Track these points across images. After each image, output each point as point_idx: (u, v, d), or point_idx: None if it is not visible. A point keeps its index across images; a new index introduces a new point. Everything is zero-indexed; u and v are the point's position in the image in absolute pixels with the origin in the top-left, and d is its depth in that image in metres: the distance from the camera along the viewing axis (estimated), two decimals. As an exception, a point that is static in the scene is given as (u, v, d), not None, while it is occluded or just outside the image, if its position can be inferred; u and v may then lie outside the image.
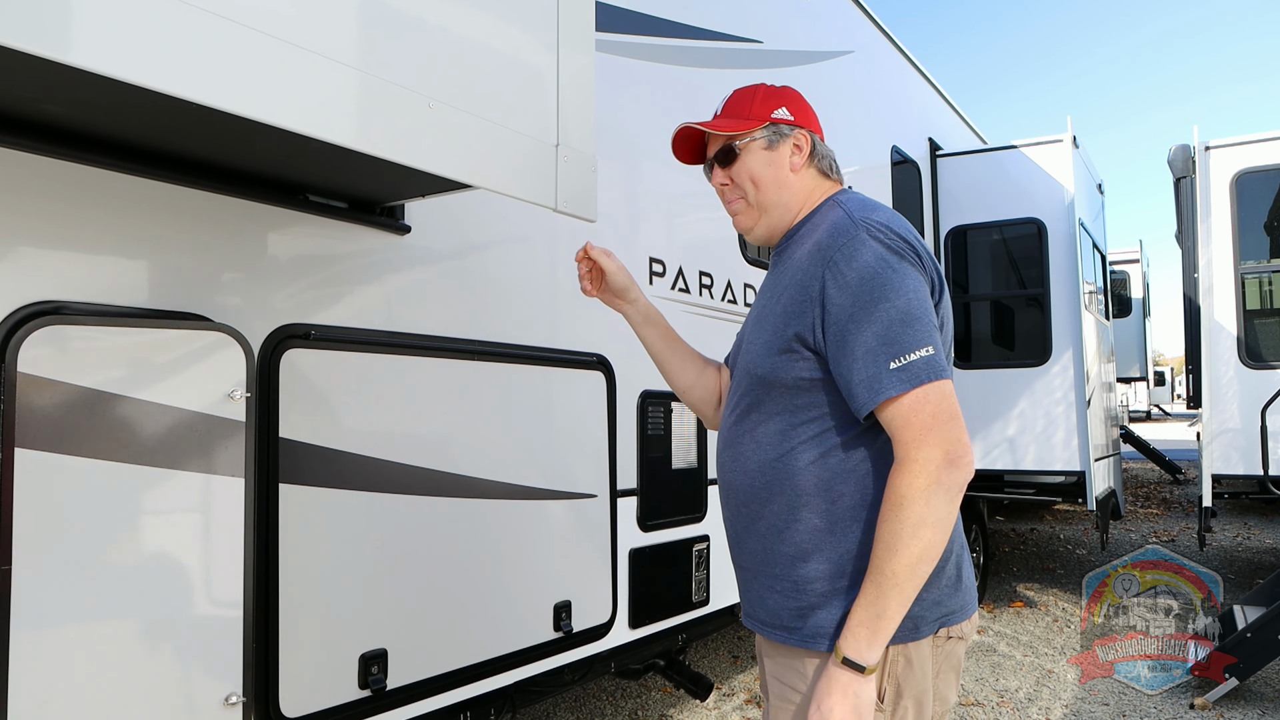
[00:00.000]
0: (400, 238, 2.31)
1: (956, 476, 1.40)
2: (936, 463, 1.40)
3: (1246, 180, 6.38)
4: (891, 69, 5.96)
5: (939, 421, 1.41)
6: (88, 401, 1.64)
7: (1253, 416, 6.10)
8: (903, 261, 1.48)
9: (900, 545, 1.39)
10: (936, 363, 1.43)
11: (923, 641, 1.52)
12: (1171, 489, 13.80)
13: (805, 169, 1.70)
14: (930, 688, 1.53)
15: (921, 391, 1.42)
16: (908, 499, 1.40)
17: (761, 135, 1.69)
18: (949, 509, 1.41)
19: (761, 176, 1.69)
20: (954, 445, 1.41)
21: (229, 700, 1.83)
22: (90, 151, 1.67)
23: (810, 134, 1.71)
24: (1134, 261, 15.43)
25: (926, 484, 1.39)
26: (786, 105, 1.72)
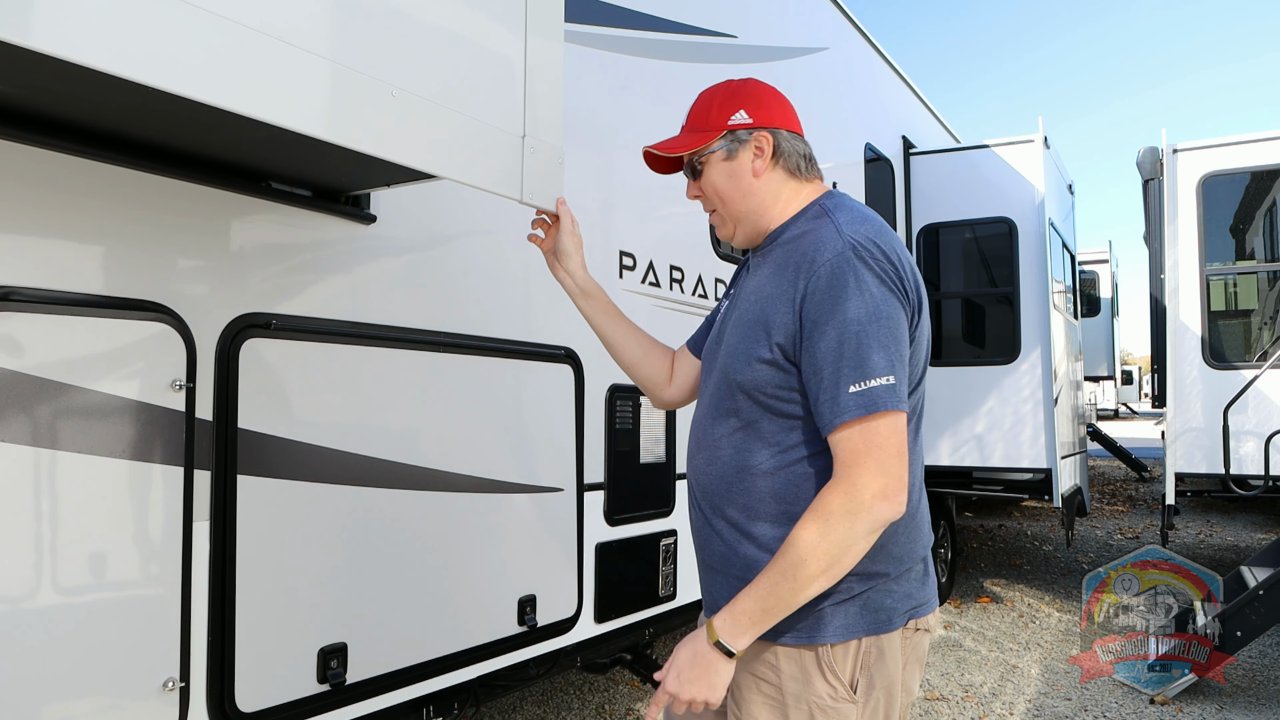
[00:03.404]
0: (365, 227, 2.29)
1: (886, 512, 1.42)
2: (873, 493, 1.41)
3: (1213, 183, 6.46)
4: (866, 66, 5.98)
5: (885, 454, 1.42)
6: (31, 389, 1.61)
7: (1215, 416, 6.19)
8: (883, 286, 1.46)
9: (813, 557, 1.42)
10: (896, 393, 1.43)
11: (894, 634, 1.54)
12: (1137, 486, 13.99)
13: (770, 171, 1.66)
14: (899, 679, 1.56)
15: (875, 421, 1.42)
16: (835, 517, 1.42)
17: (719, 146, 1.66)
18: (868, 540, 1.44)
19: (724, 189, 1.67)
20: (893, 481, 1.42)
21: (166, 685, 1.81)
22: (44, 134, 1.63)
23: (773, 132, 1.66)
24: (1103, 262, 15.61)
25: (856, 509, 1.41)
26: (745, 107, 1.66)
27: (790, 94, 1.81)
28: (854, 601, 1.51)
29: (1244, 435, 6.14)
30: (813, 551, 1.41)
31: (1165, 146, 6.57)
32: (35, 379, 1.62)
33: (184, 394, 1.84)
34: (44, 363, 1.63)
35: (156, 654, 1.80)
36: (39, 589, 1.62)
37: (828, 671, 1.51)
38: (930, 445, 6.42)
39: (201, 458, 1.88)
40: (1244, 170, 6.40)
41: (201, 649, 1.89)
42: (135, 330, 1.77)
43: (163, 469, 1.81)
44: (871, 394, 1.42)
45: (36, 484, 1.62)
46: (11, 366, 1.59)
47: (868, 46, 5.97)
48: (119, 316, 1.75)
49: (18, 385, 1.59)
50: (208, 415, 1.90)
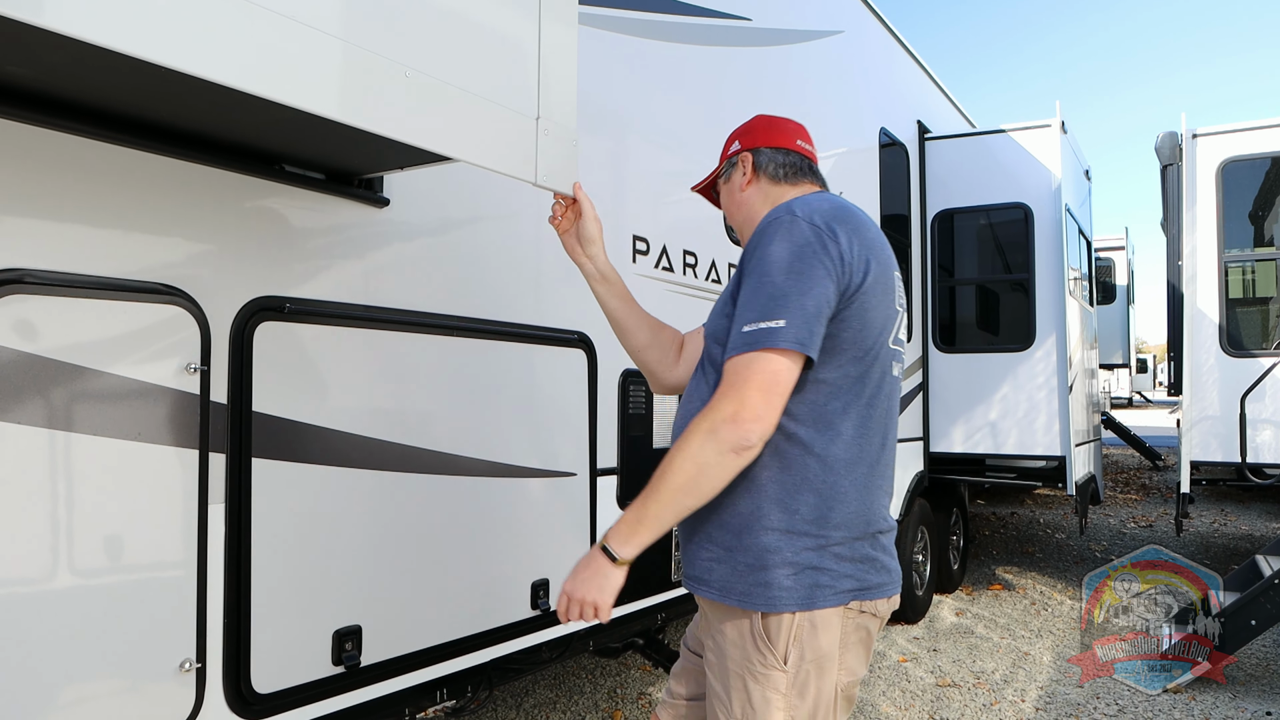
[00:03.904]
0: (379, 210, 2.28)
1: (732, 434, 1.52)
2: (724, 415, 1.53)
3: (1232, 169, 6.39)
4: (881, 50, 5.92)
5: (746, 383, 1.53)
6: (47, 371, 1.61)
7: (1232, 404, 6.14)
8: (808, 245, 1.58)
9: (672, 472, 1.57)
10: (780, 333, 1.53)
11: (829, 611, 1.62)
12: (1151, 475, 13.92)
13: (753, 184, 1.93)
14: (835, 655, 1.63)
15: (751, 354, 1.54)
16: (692, 435, 1.56)
17: (722, 174, 2.00)
18: (718, 459, 1.54)
19: (728, 205, 2.00)
20: (744, 408, 1.52)
21: (183, 666, 1.82)
22: (57, 116, 1.63)
23: (752, 151, 1.92)
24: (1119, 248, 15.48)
25: (708, 428, 1.54)
26: (738, 139, 1.97)
27: (805, 77, 1.86)
28: (791, 573, 1.60)
29: (1261, 423, 6.09)
30: (673, 466, 1.57)
31: (1184, 131, 6.49)
32: (50, 361, 1.62)
33: (198, 377, 1.84)
34: (58, 345, 1.63)
35: (173, 635, 1.81)
36: (55, 571, 1.63)
37: (759, 639, 1.61)
38: (943, 432, 6.39)
39: (216, 441, 1.89)
40: (1265, 156, 6.33)
41: (218, 631, 1.90)
42: (149, 313, 1.77)
43: (177, 452, 1.81)
44: (757, 333, 1.54)
45: (51, 466, 1.62)
46: (26, 349, 1.59)
47: (883, 30, 5.91)
48: (133, 299, 1.75)
49: (32, 368, 1.59)
50: (222, 398, 1.90)
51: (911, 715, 4.37)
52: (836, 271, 1.59)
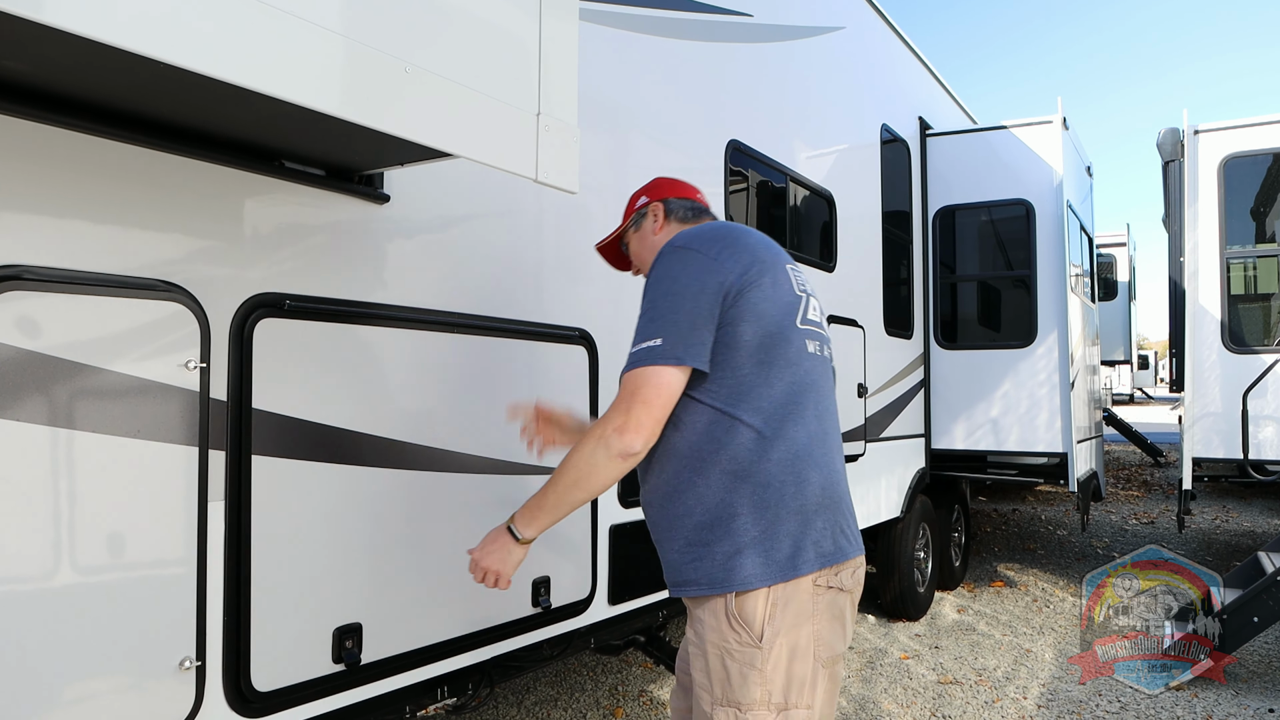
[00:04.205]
0: (379, 207, 2.27)
1: (618, 443, 1.74)
2: (613, 426, 1.75)
3: (1234, 165, 6.38)
4: (882, 46, 5.91)
5: (633, 399, 1.74)
6: (46, 368, 1.61)
7: (1234, 400, 6.14)
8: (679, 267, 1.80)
9: (567, 469, 1.80)
10: (657, 351, 1.74)
11: (800, 584, 1.76)
12: (1152, 471, 13.91)
13: (664, 228, 2.14)
14: (808, 629, 1.76)
15: (636, 371, 1.76)
16: (586, 440, 1.78)
17: (631, 225, 2.21)
18: (606, 464, 1.76)
19: (639, 251, 2.19)
20: (630, 421, 1.74)
21: (183, 664, 1.81)
22: (55, 112, 1.62)
23: (661, 201, 2.16)
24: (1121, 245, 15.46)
25: (599, 435, 1.76)
26: (645, 194, 2.21)
27: (806, 74, 1.90)
28: (755, 554, 1.75)
29: (1263, 420, 6.08)
30: (569, 465, 1.79)
31: (1186, 127, 6.48)
32: (49, 358, 1.61)
33: (198, 374, 1.84)
34: (58, 342, 1.63)
35: (172, 633, 1.80)
36: (54, 568, 1.62)
37: (734, 619, 1.75)
38: (945, 428, 6.38)
39: (216, 438, 1.88)
40: (1266, 152, 6.31)
41: (217, 628, 1.89)
42: (149, 310, 1.77)
43: (177, 449, 1.81)
44: (639, 352, 1.76)
45: (51, 463, 1.61)
46: (25, 346, 1.58)
47: (884, 26, 5.90)
48: (132, 296, 1.74)
49: (30, 364, 1.59)
50: (222, 395, 1.90)
51: (913, 713, 4.36)
52: (712, 283, 1.78)
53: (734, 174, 3.96)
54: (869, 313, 5.45)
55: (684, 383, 1.77)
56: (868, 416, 5.28)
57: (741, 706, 1.73)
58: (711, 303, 1.77)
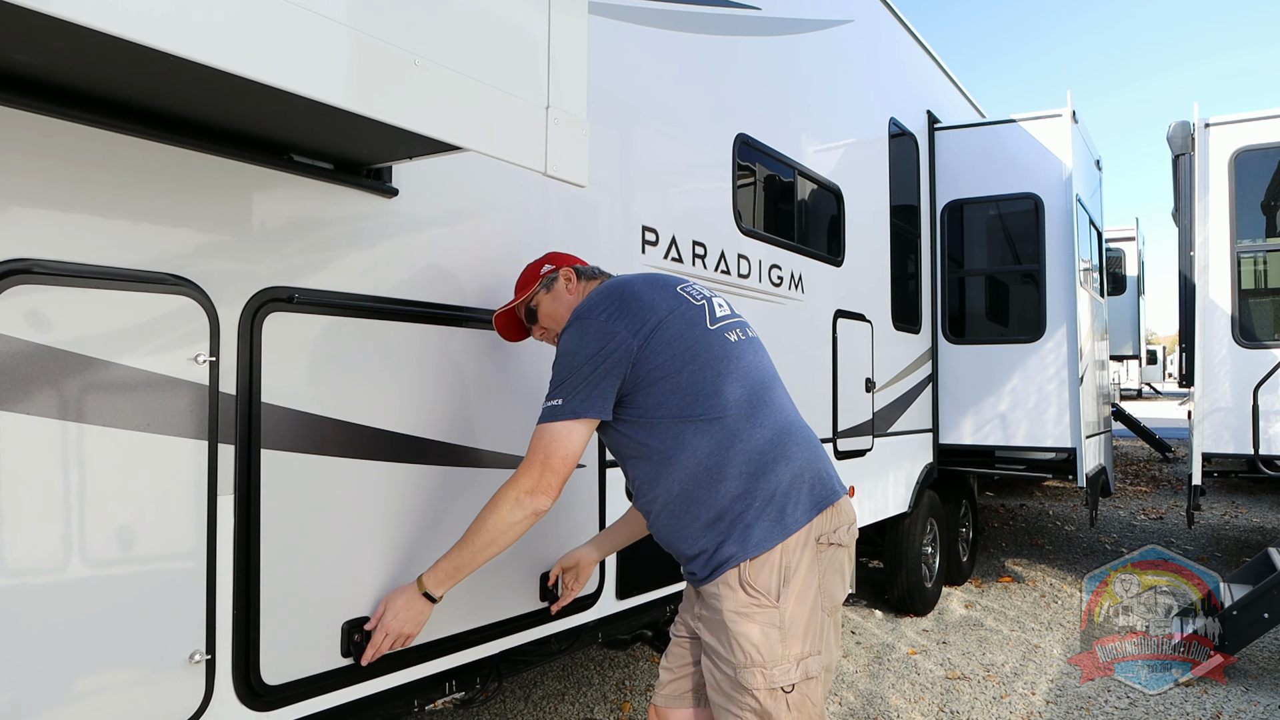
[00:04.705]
0: (387, 201, 2.27)
1: (531, 504, 1.99)
2: (525, 489, 2.00)
3: (1245, 158, 6.34)
4: (891, 39, 5.88)
5: (538, 455, 2.00)
6: (56, 362, 1.61)
7: (1245, 396, 6.11)
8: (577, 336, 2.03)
9: (482, 530, 2.02)
10: (559, 409, 2.00)
11: (799, 540, 1.98)
12: (1161, 467, 13.86)
13: (579, 286, 2.35)
14: (814, 583, 1.98)
15: (540, 427, 2.02)
16: (501, 502, 2.01)
17: (540, 288, 2.36)
18: (521, 523, 2.01)
19: (552, 310, 2.35)
20: (541, 484, 1.99)
21: (193, 658, 1.81)
22: (63, 105, 1.61)
23: (571, 268, 2.38)
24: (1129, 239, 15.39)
25: (515, 499, 2.00)
26: (549, 262, 2.39)
27: (814, 67, 1.90)
28: (758, 522, 1.96)
29: (1274, 415, 6.06)
30: (485, 528, 2.01)
31: (1197, 121, 6.45)
32: (58, 352, 1.61)
33: (207, 368, 1.83)
34: (66, 336, 1.62)
35: (182, 627, 1.80)
36: (64, 562, 1.62)
37: (748, 586, 1.94)
38: (952, 423, 6.36)
39: (225, 432, 1.88)
40: (1278, 145, 6.27)
41: (227, 622, 1.89)
42: (157, 304, 1.76)
43: (186, 443, 1.80)
44: (544, 410, 2.03)
45: (60, 457, 1.61)
46: (34, 339, 1.58)
47: (893, 19, 5.87)
48: (141, 290, 1.74)
49: (40, 358, 1.59)
50: (231, 389, 1.90)
51: (921, 708, 4.36)
52: (609, 344, 2.00)
53: (742, 168, 3.94)
54: (877, 307, 5.43)
55: (588, 433, 2.03)
56: (875, 411, 5.26)
57: (768, 664, 1.92)
58: (608, 360, 2.00)
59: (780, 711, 1.93)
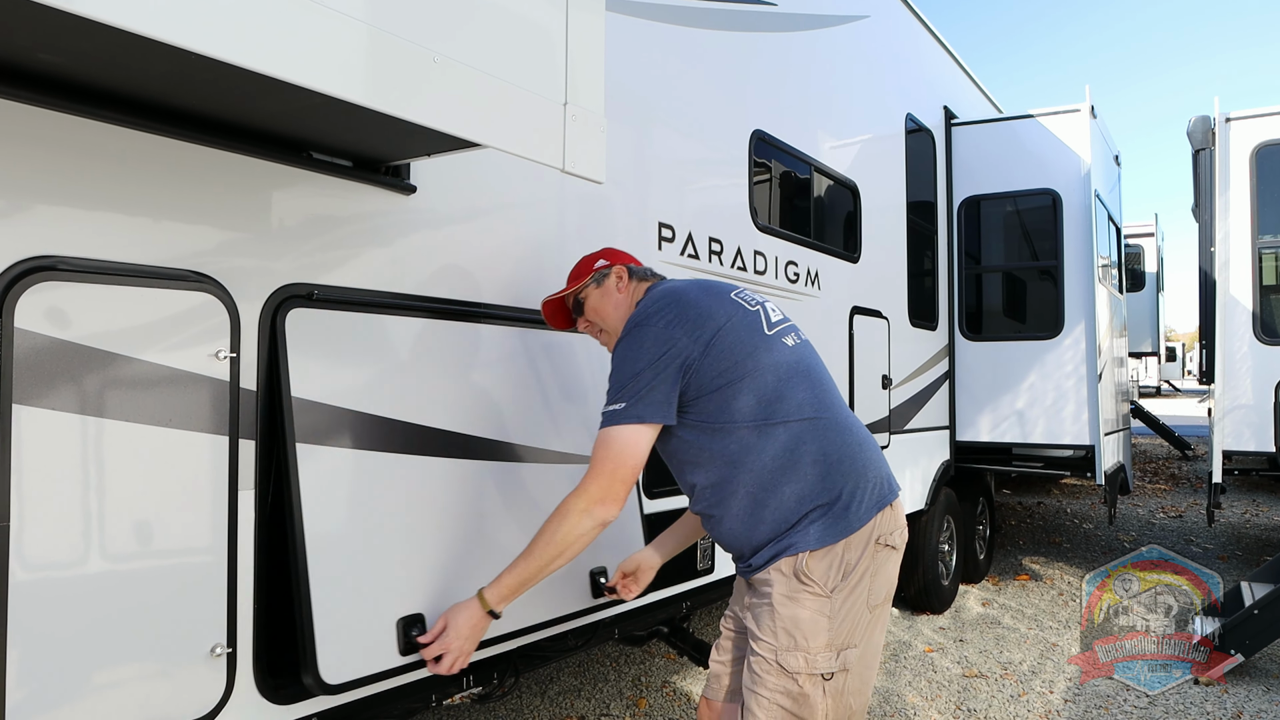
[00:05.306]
0: (405, 198, 2.27)
1: (601, 513, 1.99)
2: (593, 496, 1.98)
3: (1267, 153, 6.28)
4: (907, 35, 5.86)
5: (605, 464, 1.98)
6: (78, 358, 1.62)
7: (1266, 393, 6.05)
8: (637, 340, 2.03)
9: (550, 542, 1.99)
10: (621, 413, 1.99)
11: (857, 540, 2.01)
12: (1180, 465, 13.76)
13: (630, 286, 2.33)
14: (866, 583, 2.02)
15: (604, 432, 2.01)
16: (568, 513, 1.99)
17: (591, 282, 2.35)
18: (589, 534, 2.00)
19: (599, 305, 2.34)
20: (608, 490, 1.98)
21: (214, 651, 1.83)
22: (87, 104, 1.63)
23: (625, 266, 2.36)
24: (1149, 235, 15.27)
25: (583, 509, 1.98)
26: (604, 258, 2.38)
27: (830, 63, 1.89)
28: (820, 520, 2.00)
29: (1295, 412, 5.99)
30: (554, 540, 1.99)
31: (1217, 115, 6.39)
32: (81, 348, 1.63)
33: (228, 364, 1.85)
34: (89, 332, 1.64)
35: (203, 621, 1.82)
36: (86, 556, 1.64)
37: (804, 575, 1.98)
38: (970, 421, 6.33)
39: (245, 427, 1.89)
40: (1301, 140, 6.21)
41: (248, 616, 1.90)
42: (178, 300, 1.78)
43: (207, 438, 1.82)
44: (606, 414, 2.02)
45: (81, 452, 1.63)
46: (58, 335, 1.60)
47: (910, 14, 5.84)
48: (162, 286, 1.75)
49: (62, 354, 1.60)
50: (251, 385, 1.91)
51: (938, 706, 4.34)
52: (669, 350, 2.00)
53: (758, 165, 3.94)
54: (893, 304, 5.41)
55: (652, 439, 2.03)
56: (892, 408, 5.25)
57: (810, 650, 1.98)
58: (670, 367, 2.01)
59: (817, 696, 1.98)
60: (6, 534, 1.52)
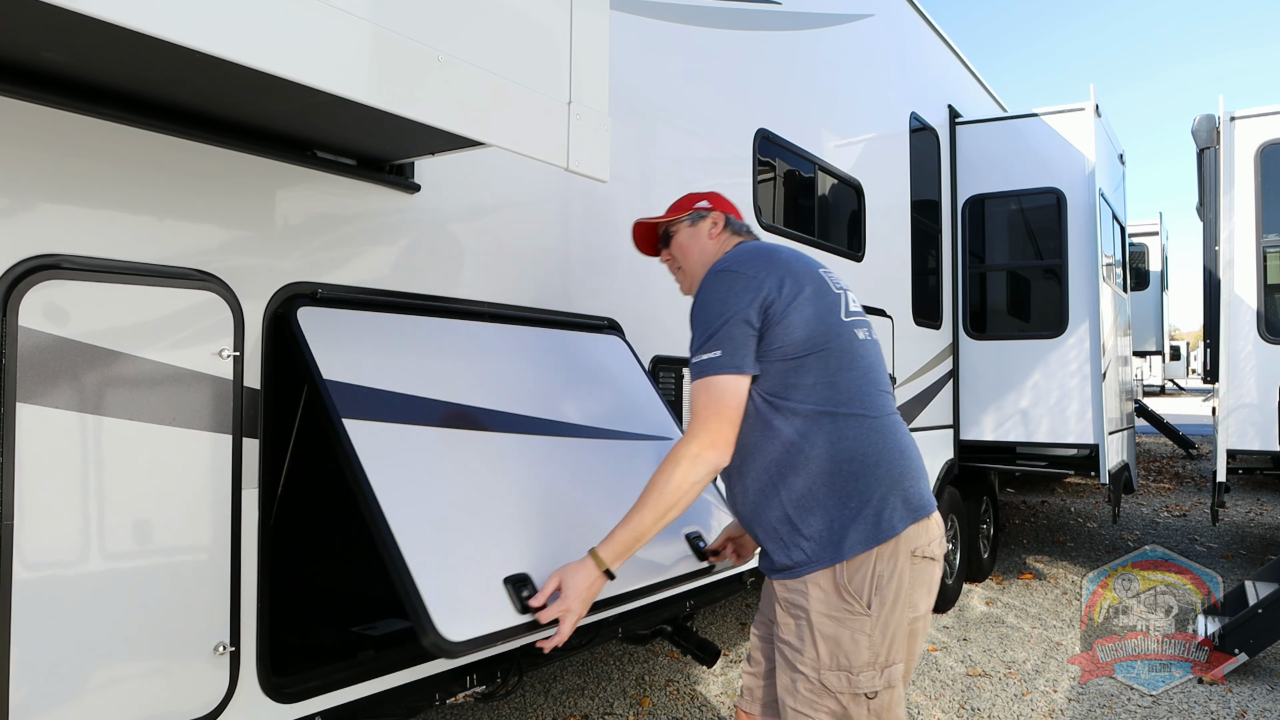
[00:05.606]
0: (409, 196, 2.27)
1: (713, 458, 1.93)
2: (705, 444, 1.92)
3: (1272, 152, 6.26)
4: (912, 33, 5.85)
5: (709, 409, 1.93)
6: (82, 356, 1.62)
7: (1270, 392, 6.04)
8: (725, 288, 1.98)
9: (663, 494, 1.90)
10: (720, 362, 1.93)
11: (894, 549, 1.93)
12: (1184, 464, 13.73)
13: (721, 236, 2.29)
14: (905, 595, 1.95)
15: (704, 381, 1.95)
16: (679, 461, 1.91)
17: (687, 219, 2.32)
18: (702, 481, 1.93)
19: (687, 244, 2.31)
20: (718, 438, 1.93)
21: (218, 650, 1.83)
22: (92, 102, 1.63)
23: (724, 214, 2.31)
24: (1153, 234, 15.23)
25: (694, 455, 1.91)
26: (708, 199, 2.34)
27: (835, 62, 1.87)
28: (854, 526, 1.92)
29: (1300, 412, 5.98)
30: (666, 490, 1.90)
31: (1222, 114, 6.37)
32: (85, 346, 1.63)
33: (231, 363, 1.85)
34: (93, 330, 1.64)
35: (207, 619, 1.82)
36: (89, 554, 1.64)
37: (845, 591, 1.90)
38: (974, 419, 6.33)
39: (249, 425, 1.89)
40: (1305, 139, 6.19)
41: (252, 615, 1.90)
42: (182, 299, 1.78)
43: (210, 436, 1.82)
44: (702, 363, 1.95)
45: (85, 450, 1.63)
46: (62, 334, 1.60)
47: (913, 13, 5.83)
48: (166, 285, 1.75)
49: (66, 352, 1.60)
50: (255, 384, 1.91)
51: (942, 705, 4.34)
52: (756, 300, 1.95)
53: (762, 163, 3.93)
54: (897, 303, 5.40)
55: (746, 387, 1.96)
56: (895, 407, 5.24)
57: (853, 669, 1.91)
58: (755, 317, 1.95)
59: (862, 715, 1.92)
60: (10, 532, 1.52)
